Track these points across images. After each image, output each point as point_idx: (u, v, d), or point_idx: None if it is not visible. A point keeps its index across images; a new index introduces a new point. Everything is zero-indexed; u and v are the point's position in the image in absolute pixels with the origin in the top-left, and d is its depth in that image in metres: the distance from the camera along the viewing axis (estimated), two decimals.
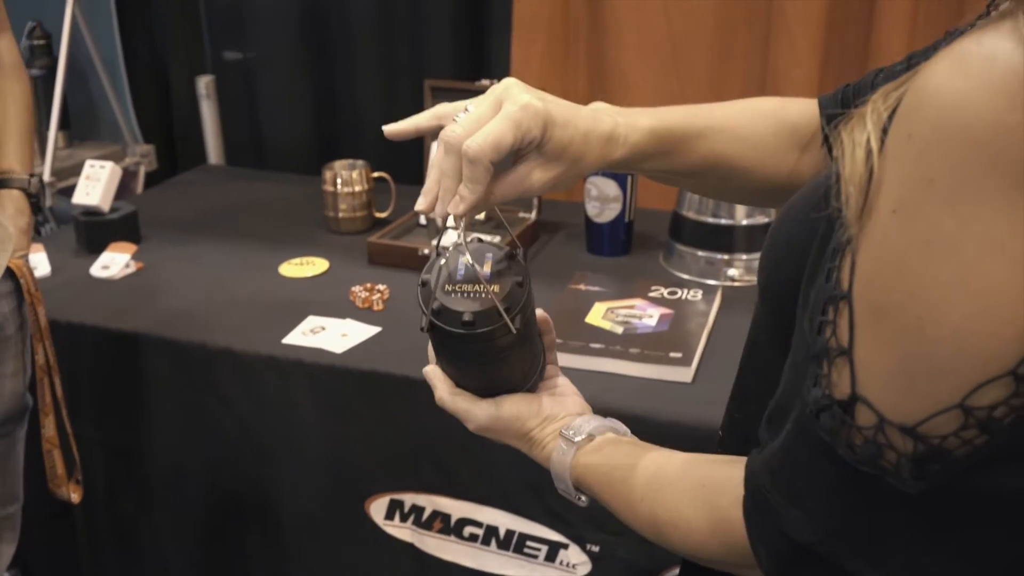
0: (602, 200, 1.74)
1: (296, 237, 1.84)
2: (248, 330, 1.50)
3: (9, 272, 1.34)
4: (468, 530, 1.43)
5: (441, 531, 1.44)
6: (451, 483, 1.42)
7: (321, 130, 2.37)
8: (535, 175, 0.71)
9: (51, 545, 1.67)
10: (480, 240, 0.78)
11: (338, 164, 1.90)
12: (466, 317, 0.72)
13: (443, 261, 0.75)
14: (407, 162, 2.07)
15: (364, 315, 1.54)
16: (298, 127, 2.36)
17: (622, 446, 0.77)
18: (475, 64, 2.20)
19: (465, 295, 0.73)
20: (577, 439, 0.76)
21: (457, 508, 1.42)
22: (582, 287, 1.56)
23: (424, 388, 1.38)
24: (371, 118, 2.30)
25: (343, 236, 1.86)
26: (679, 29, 1.94)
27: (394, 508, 1.46)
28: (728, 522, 0.62)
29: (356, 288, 1.60)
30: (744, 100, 0.82)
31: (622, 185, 1.72)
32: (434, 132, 0.72)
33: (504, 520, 1.40)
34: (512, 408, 0.79)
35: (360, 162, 1.90)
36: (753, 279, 1.61)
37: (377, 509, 1.47)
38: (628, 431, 0.80)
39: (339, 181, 1.86)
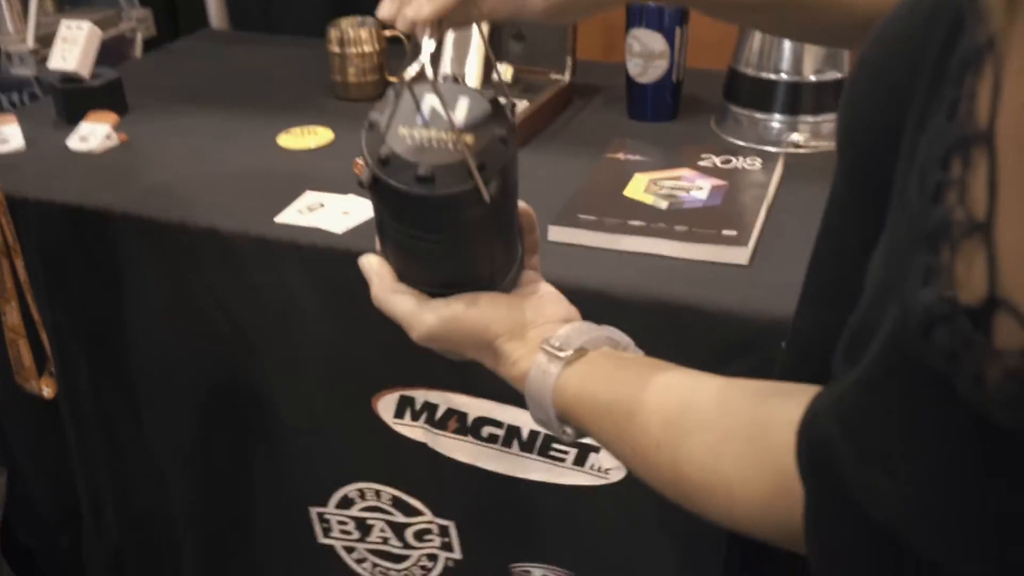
0: (646, 57, 1.50)
1: (299, 105, 1.64)
2: (237, 208, 1.32)
3: None
4: (487, 430, 1.26)
5: (457, 431, 1.28)
6: (467, 379, 1.24)
7: None
8: None
9: (41, 437, 1.54)
10: (456, 80, 0.60)
11: (344, 22, 1.68)
12: (422, 170, 0.54)
13: (402, 100, 0.57)
14: None
15: None
16: None
17: (625, 365, 0.57)
18: None
19: (426, 144, 0.55)
20: (564, 354, 0.57)
21: (474, 406, 1.25)
22: (621, 156, 1.35)
23: None
24: None
25: (352, 103, 1.66)
26: None
27: (404, 405, 1.29)
28: (793, 491, 0.42)
29: (361, 160, 1.40)
30: None
31: (669, 39, 1.48)
32: None
33: (527, 419, 1.23)
34: (472, 309, 0.60)
35: (370, 19, 1.68)
36: (822, 144, 1.38)
37: (385, 407, 1.30)
38: (632, 344, 0.60)
39: (346, 41, 1.64)
